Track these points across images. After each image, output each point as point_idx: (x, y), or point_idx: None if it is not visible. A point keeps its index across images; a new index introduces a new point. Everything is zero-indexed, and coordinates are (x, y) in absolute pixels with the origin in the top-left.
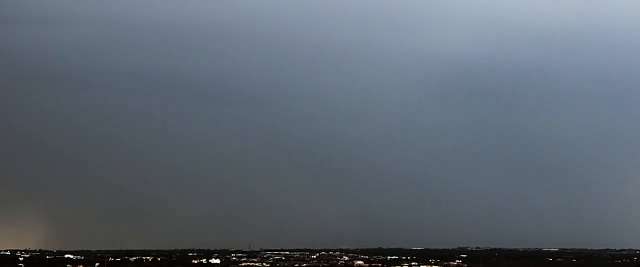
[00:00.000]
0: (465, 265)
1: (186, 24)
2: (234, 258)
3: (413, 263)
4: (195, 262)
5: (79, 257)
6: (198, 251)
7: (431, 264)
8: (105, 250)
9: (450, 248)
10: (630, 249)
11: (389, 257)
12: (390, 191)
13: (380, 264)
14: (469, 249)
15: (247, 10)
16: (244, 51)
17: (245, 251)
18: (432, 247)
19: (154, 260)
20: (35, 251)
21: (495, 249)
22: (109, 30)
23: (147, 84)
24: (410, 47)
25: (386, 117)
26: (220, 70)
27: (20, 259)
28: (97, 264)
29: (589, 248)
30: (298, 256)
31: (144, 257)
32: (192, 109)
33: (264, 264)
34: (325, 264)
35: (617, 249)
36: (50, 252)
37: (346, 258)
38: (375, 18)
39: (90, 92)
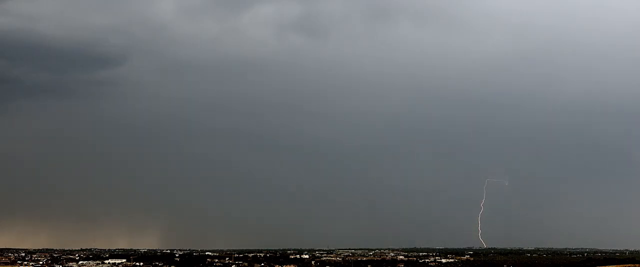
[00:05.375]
0: (472, 259)
1: None
2: (317, 254)
3: (437, 257)
4: (292, 257)
5: (216, 254)
6: (293, 249)
7: (449, 258)
8: (233, 249)
9: (461, 247)
10: (583, 248)
11: (420, 253)
12: (424, 207)
13: (415, 258)
14: (474, 248)
15: None
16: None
17: (325, 249)
18: (449, 247)
19: (265, 256)
20: (186, 250)
21: (491, 248)
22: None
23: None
24: None
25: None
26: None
27: (176, 256)
28: (227, 258)
29: (553, 247)
30: (360, 252)
31: (258, 254)
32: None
33: (337, 258)
34: (378, 258)
35: (573, 248)
36: (196, 251)
37: (392, 254)
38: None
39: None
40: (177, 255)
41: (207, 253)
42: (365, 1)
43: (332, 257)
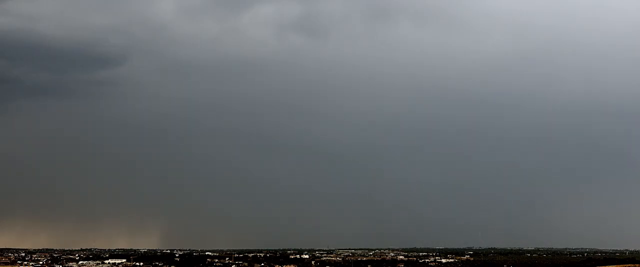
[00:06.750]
0: (472, 259)
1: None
2: (317, 254)
3: (437, 257)
4: (292, 257)
5: (216, 254)
6: (293, 249)
7: (448, 258)
8: (233, 249)
9: (461, 247)
10: (583, 248)
11: (420, 253)
12: (424, 207)
13: (414, 258)
14: (474, 248)
15: None
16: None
17: (325, 249)
18: (449, 247)
19: (265, 256)
20: (186, 250)
21: (491, 248)
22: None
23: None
24: None
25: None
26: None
27: (176, 256)
28: (227, 258)
29: (553, 247)
30: (360, 252)
31: (258, 254)
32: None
33: (337, 258)
34: (378, 258)
35: (573, 248)
36: (196, 251)
37: (392, 254)
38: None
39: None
40: (177, 255)
41: (207, 253)
42: (365, 1)
43: (332, 257)
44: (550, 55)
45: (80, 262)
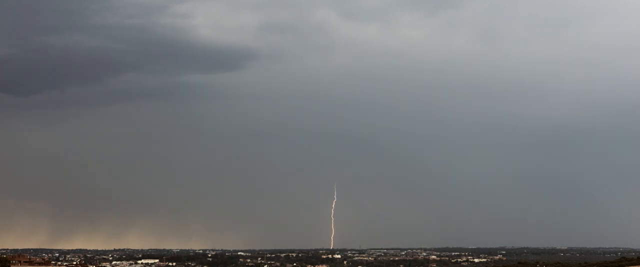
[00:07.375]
0: (505, 258)
1: None
2: (349, 254)
3: (469, 256)
4: (324, 257)
5: (248, 254)
6: (325, 250)
7: (481, 257)
8: (265, 249)
9: (494, 247)
10: (616, 248)
11: (453, 253)
12: (454, 206)
13: (447, 258)
14: (507, 247)
15: None
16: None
17: (356, 249)
18: (482, 246)
19: (297, 256)
20: (219, 250)
21: (524, 247)
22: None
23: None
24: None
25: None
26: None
27: (209, 256)
28: (259, 258)
29: (587, 246)
30: (392, 252)
31: (290, 254)
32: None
33: (369, 258)
34: (410, 258)
35: (606, 247)
36: (228, 251)
37: (424, 254)
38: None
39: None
40: (209, 255)
41: (239, 253)
42: None
43: (364, 257)
44: None
45: (113, 262)
